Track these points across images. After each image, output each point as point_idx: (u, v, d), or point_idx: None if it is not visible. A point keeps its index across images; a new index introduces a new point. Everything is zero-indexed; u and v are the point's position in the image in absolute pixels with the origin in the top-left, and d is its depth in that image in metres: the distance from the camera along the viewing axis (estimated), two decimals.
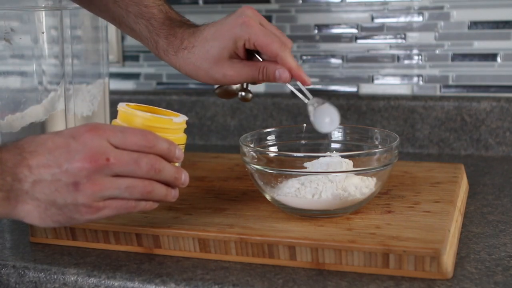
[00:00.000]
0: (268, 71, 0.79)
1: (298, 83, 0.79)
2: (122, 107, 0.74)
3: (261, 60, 0.80)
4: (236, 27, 0.78)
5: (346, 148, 0.86)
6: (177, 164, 0.71)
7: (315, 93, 1.24)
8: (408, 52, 1.17)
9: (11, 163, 0.61)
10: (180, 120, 0.74)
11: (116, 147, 0.63)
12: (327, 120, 0.78)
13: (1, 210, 0.62)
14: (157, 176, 0.65)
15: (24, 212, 0.63)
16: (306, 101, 0.80)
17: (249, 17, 0.78)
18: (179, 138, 0.75)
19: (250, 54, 0.81)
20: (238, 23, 0.78)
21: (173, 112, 0.77)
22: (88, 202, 0.62)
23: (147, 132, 0.66)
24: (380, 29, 1.17)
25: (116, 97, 1.28)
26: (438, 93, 1.17)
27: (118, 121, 0.74)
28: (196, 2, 1.27)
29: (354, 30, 1.19)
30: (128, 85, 1.34)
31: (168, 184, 0.67)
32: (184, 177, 0.68)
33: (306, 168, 0.77)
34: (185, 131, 0.77)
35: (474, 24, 1.13)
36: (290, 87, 0.81)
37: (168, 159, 0.67)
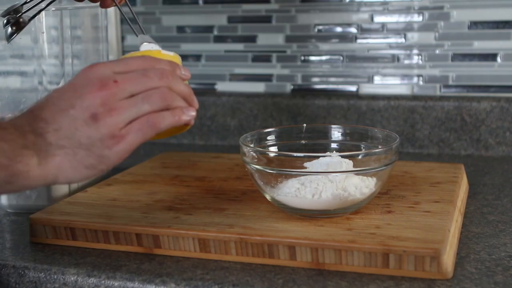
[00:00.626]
0: None
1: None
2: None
3: None
4: None
5: (346, 148, 0.86)
6: None
7: (315, 92, 1.24)
8: (408, 52, 1.17)
9: (26, 123, 0.61)
10: (171, 53, 0.71)
11: (120, 74, 0.63)
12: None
13: (38, 173, 0.60)
14: (172, 84, 0.64)
15: (56, 167, 0.61)
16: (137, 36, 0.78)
17: None
18: None
19: None
20: None
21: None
22: (111, 131, 0.61)
23: (146, 56, 0.65)
24: (380, 29, 1.17)
25: None
26: (438, 93, 1.17)
27: None
28: (196, 2, 1.27)
29: (354, 30, 1.19)
30: None
31: (184, 99, 0.65)
32: (195, 98, 0.67)
33: (306, 168, 0.77)
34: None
35: (474, 24, 1.13)
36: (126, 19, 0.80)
37: (174, 73, 0.66)
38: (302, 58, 1.23)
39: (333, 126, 0.87)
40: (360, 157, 0.77)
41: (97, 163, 0.62)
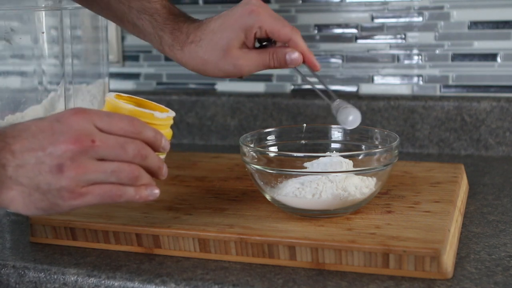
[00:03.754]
0: (279, 55, 0.79)
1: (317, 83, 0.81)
2: (109, 97, 0.72)
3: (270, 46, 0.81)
4: (245, 16, 0.77)
5: (346, 148, 0.86)
6: (162, 157, 0.69)
7: (315, 92, 1.24)
8: (408, 52, 1.17)
9: None
10: (163, 116, 0.72)
11: (102, 131, 0.62)
12: (351, 118, 0.79)
13: None
14: (143, 162, 0.64)
15: (8, 199, 0.61)
16: (330, 102, 0.81)
17: (257, 6, 0.78)
18: (164, 133, 0.73)
19: (257, 43, 0.81)
20: (247, 12, 0.77)
21: (165, 107, 0.75)
22: (71, 186, 0.61)
23: (134, 118, 0.65)
24: (380, 29, 1.17)
25: None
26: (438, 93, 1.17)
27: (104, 110, 0.72)
28: (196, 2, 1.27)
29: (354, 30, 1.19)
30: (128, 85, 1.34)
31: (151, 173, 0.66)
32: (165, 168, 0.67)
33: (306, 168, 0.77)
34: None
35: (474, 24, 1.13)
36: (314, 87, 0.82)
37: (154, 148, 0.66)
38: None
39: (333, 126, 0.87)
40: (360, 157, 0.77)
41: (48, 208, 0.62)
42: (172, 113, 0.73)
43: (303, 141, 0.87)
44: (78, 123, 0.62)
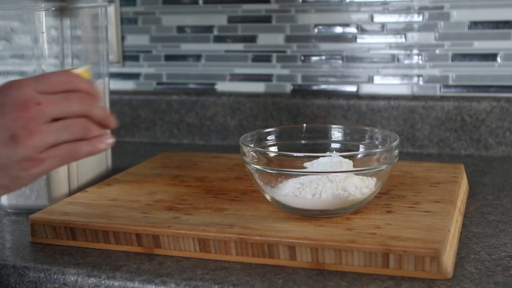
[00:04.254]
0: None
1: None
2: None
3: None
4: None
5: (346, 148, 0.86)
6: None
7: (315, 92, 1.24)
8: (408, 52, 1.17)
9: None
10: (79, 71, 0.71)
11: (42, 93, 0.62)
12: None
13: None
14: (90, 110, 0.65)
15: None
16: None
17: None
18: None
19: None
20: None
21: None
22: (30, 154, 0.60)
23: (67, 71, 0.66)
24: (380, 29, 1.17)
25: (116, 97, 1.28)
26: (438, 93, 1.17)
27: None
28: (196, 2, 1.27)
29: (354, 30, 1.19)
30: (128, 85, 1.34)
31: (100, 125, 0.66)
32: (112, 117, 0.68)
33: (306, 168, 0.77)
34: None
35: (474, 24, 1.13)
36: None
37: (93, 96, 0.66)
38: (302, 58, 1.23)
39: (333, 126, 0.87)
40: (360, 157, 0.77)
41: (10, 184, 0.62)
42: (86, 66, 0.73)
43: (303, 141, 0.87)
44: (18, 91, 0.61)
